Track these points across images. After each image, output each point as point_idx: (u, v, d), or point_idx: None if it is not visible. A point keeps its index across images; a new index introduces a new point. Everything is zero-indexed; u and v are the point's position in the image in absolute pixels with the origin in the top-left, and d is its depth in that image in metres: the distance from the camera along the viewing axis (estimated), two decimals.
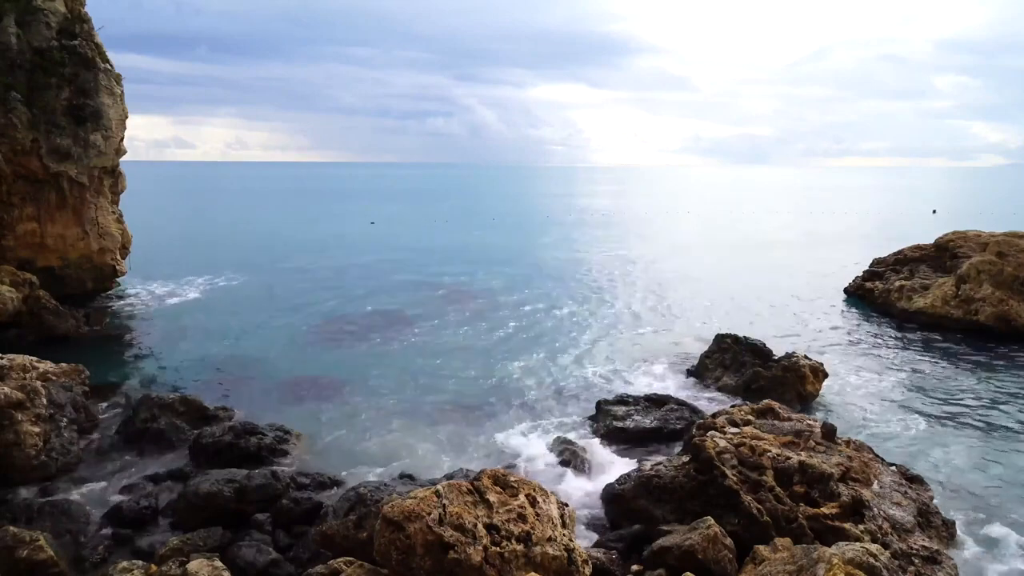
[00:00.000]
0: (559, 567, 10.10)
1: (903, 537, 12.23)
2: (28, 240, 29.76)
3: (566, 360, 25.47)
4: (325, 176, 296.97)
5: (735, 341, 23.06)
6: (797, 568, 9.92)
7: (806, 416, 16.75)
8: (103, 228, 31.73)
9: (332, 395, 21.54)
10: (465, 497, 10.46)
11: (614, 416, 18.64)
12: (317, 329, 29.73)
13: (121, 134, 32.01)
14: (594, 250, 56.20)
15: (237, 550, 12.32)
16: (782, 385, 20.65)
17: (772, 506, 12.40)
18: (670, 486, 13.51)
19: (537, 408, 20.75)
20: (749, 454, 13.52)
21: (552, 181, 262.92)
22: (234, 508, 13.82)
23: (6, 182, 28.71)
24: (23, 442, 15.32)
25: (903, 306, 31.44)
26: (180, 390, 20.75)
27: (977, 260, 29.86)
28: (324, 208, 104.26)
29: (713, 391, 21.88)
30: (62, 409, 17.19)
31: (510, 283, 40.37)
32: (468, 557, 9.56)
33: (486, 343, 27.58)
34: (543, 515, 10.62)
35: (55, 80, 29.02)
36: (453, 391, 22.00)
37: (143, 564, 11.34)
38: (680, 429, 17.91)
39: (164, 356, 25.48)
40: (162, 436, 17.38)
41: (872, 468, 14.19)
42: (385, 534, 9.90)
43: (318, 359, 25.29)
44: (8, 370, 16.96)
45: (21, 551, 11.51)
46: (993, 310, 28.16)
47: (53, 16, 29.52)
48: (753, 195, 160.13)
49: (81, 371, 19.65)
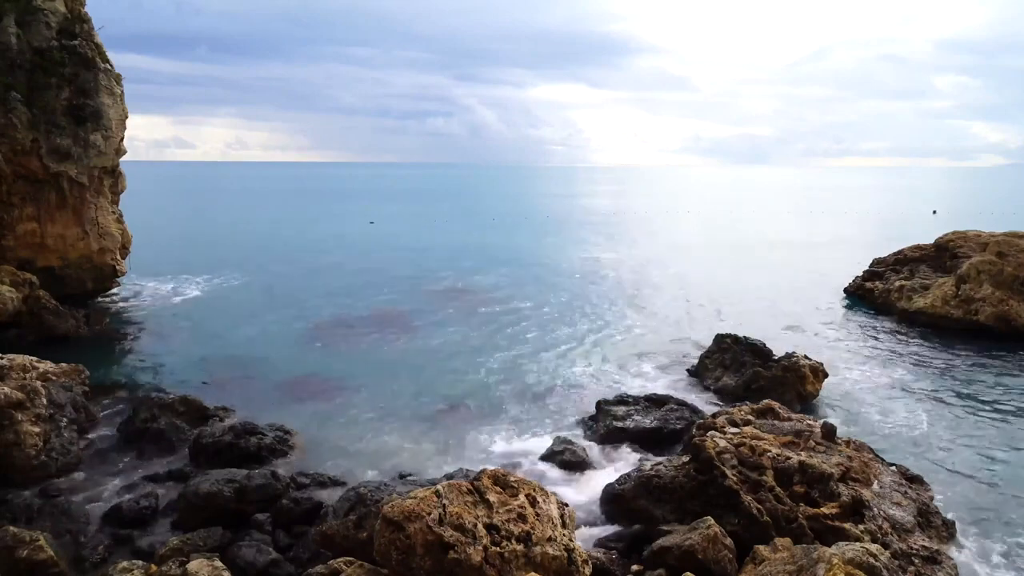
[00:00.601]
0: (559, 567, 10.10)
1: (903, 537, 12.24)
2: (28, 240, 29.75)
3: (566, 360, 25.47)
4: (325, 176, 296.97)
5: (735, 341, 23.05)
6: (797, 568, 9.92)
7: (806, 416, 16.76)
8: (103, 228, 31.72)
9: (332, 395, 21.54)
10: (465, 497, 10.46)
11: (614, 416, 18.64)
12: (317, 329, 29.73)
13: (121, 134, 32.00)
14: (594, 250, 56.20)
15: (237, 550, 12.32)
16: (782, 385, 20.64)
17: (772, 506, 12.40)
18: (670, 486, 13.51)
19: (537, 408, 20.75)
20: (749, 454, 13.52)
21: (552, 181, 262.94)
22: (234, 508, 13.82)
23: (6, 182, 28.70)
24: (23, 442, 15.32)
25: (903, 306, 31.44)
26: (180, 390, 20.74)
27: (977, 260, 29.87)
28: (324, 208, 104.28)
29: (713, 391, 21.89)
30: (62, 409, 17.19)
31: (510, 283, 40.37)
32: (468, 557, 9.56)
33: (486, 343, 27.58)
34: (543, 515, 10.62)
35: (55, 80, 29.01)
36: (453, 391, 21.99)
37: (143, 564, 11.34)
38: (680, 429, 17.90)
39: (164, 356, 25.48)
40: (162, 436, 17.37)
41: (872, 468, 14.20)
42: (385, 534, 9.90)
43: (318, 359, 25.29)
44: (8, 370, 16.96)
45: (21, 551, 11.51)
46: (993, 310, 28.16)
47: (53, 16, 29.51)
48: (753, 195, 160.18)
49: (81, 371, 19.65)
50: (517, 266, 46.73)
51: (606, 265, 48.01)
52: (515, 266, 46.69)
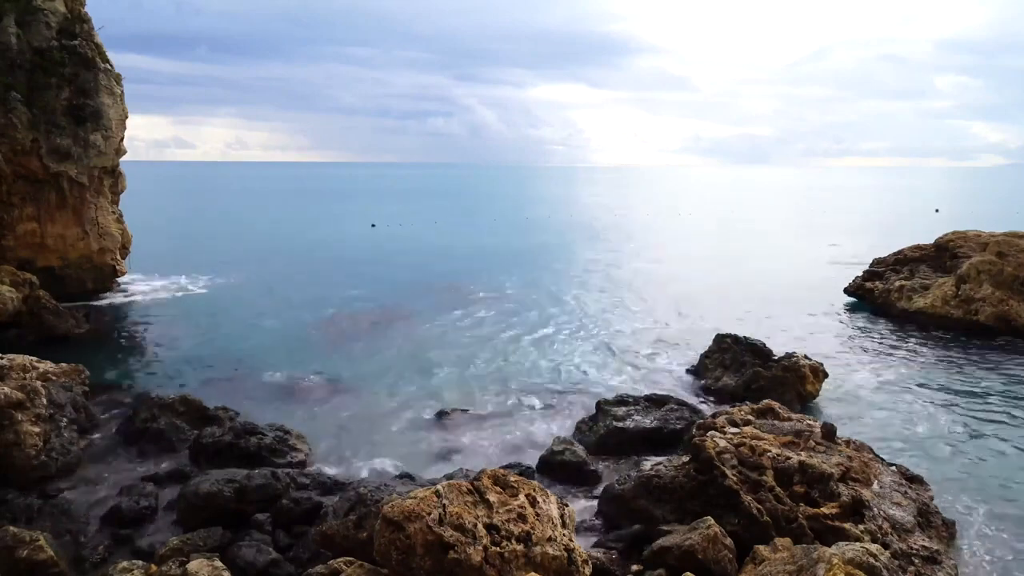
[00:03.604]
0: (559, 567, 10.10)
1: (903, 537, 12.23)
2: (28, 240, 29.77)
3: (566, 360, 25.47)
4: (325, 176, 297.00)
5: (735, 341, 23.05)
6: (797, 568, 9.92)
7: (806, 416, 16.75)
8: (103, 228, 31.74)
9: (332, 395, 21.55)
10: (465, 497, 10.46)
11: (614, 416, 18.63)
12: (317, 329, 29.74)
13: (121, 134, 32.02)
14: (594, 250, 56.22)
15: (237, 550, 12.31)
16: (782, 385, 20.63)
17: (772, 506, 12.39)
18: (670, 486, 13.51)
19: (537, 408, 20.76)
20: (749, 454, 13.51)
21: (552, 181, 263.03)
22: (234, 508, 13.81)
23: (6, 182, 28.72)
24: (23, 442, 15.31)
25: (903, 306, 31.44)
26: (180, 390, 20.74)
27: (977, 260, 29.86)
28: (324, 208, 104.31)
29: (713, 391, 21.88)
30: (62, 409, 17.18)
31: (510, 283, 40.39)
32: (468, 557, 9.55)
33: (486, 343, 27.58)
34: (543, 515, 10.62)
35: (55, 80, 29.03)
36: (453, 391, 21.99)
37: (143, 564, 11.34)
38: (680, 429, 17.90)
39: (164, 356, 25.48)
40: (162, 436, 17.38)
41: (872, 468, 14.19)
42: (385, 534, 9.89)
43: (318, 359, 25.28)
44: (8, 370, 16.95)
45: (21, 551, 11.51)
46: (993, 310, 28.17)
47: (53, 16, 29.53)
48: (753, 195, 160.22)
49: (81, 371, 19.65)
50: (517, 266, 46.74)
51: (606, 265, 48.02)
52: (515, 266, 46.70)
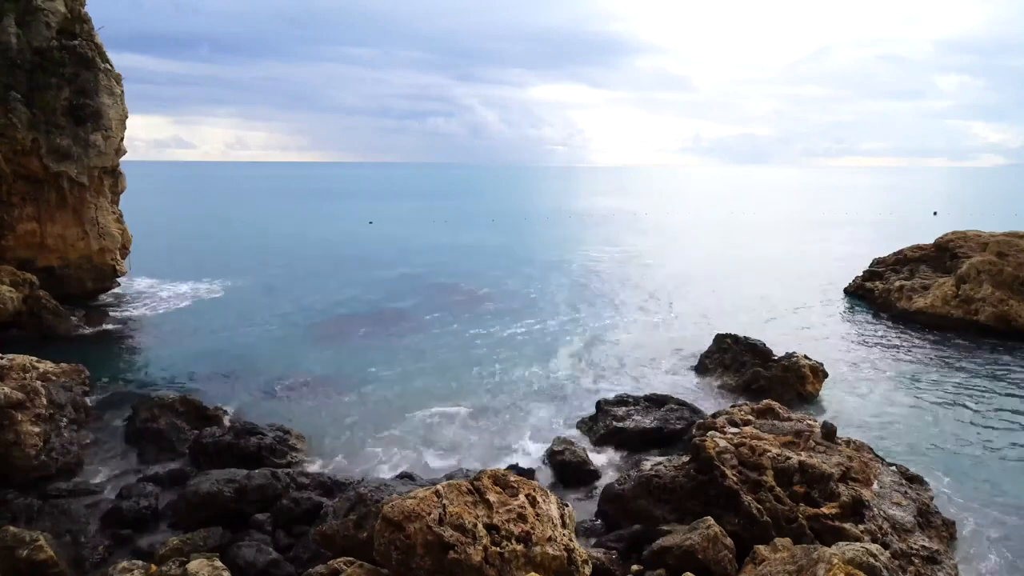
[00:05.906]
0: (559, 567, 10.09)
1: (903, 537, 12.23)
2: (28, 240, 29.74)
3: (566, 360, 25.47)
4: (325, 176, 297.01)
5: (735, 341, 23.05)
6: (797, 568, 9.92)
7: (806, 416, 16.74)
8: (103, 228, 31.71)
9: (332, 395, 21.55)
10: (465, 497, 10.45)
11: (614, 416, 18.64)
12: (317, 329, 29.73)
13: (121, 134, 31.98)
14: (594, 250, 56.19)
15: (237, 550, 12.32)
16: (782, 385, 20.65)
17: (772, 506, 12.40)
18: (670, 486, 13.51)
19: (537, 408, 20.76)
20: (749, 454, 13.51)
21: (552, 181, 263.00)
22: (234, 508, 13.82)
23: (6, 182, 28.70)
24: (23, 442, 15.31)
25: (903, 306, 31.44)
26: (180, 390, 20.75)
27: (977, 260, 29.86)
28: (324, 208, 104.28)
29: (713, 391, 21.88)
30: (62, 409, 17.19)
31: (509, 283, 40.38)
32: (468, 557, 9.55)
33: (486, 343, 27.58)
34: (543, 515, 10.61)
35: (55, 80, 29.00)
36: (453, 391, 22.00)
37: (143, 564, 11.34)
38: (680, 429, 17.90)
39: (164, 356, 25.48)
40: (162, 436, 17.38)
41: (872, 468, 14.19)
42: (385, 534, 9.89)
43: (318, 359, 25.28)
44: (8, 370, 16.95)
45: (21, 551, 11.51)
46: (993, 310, 28.16)
47: (53, 16, 29.50)
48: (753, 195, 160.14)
49: (81, 371, 19.65)
50: (517, 266, 46.73)
51: (606, 265, 48.01)
52: (515, 266, 46.69)
